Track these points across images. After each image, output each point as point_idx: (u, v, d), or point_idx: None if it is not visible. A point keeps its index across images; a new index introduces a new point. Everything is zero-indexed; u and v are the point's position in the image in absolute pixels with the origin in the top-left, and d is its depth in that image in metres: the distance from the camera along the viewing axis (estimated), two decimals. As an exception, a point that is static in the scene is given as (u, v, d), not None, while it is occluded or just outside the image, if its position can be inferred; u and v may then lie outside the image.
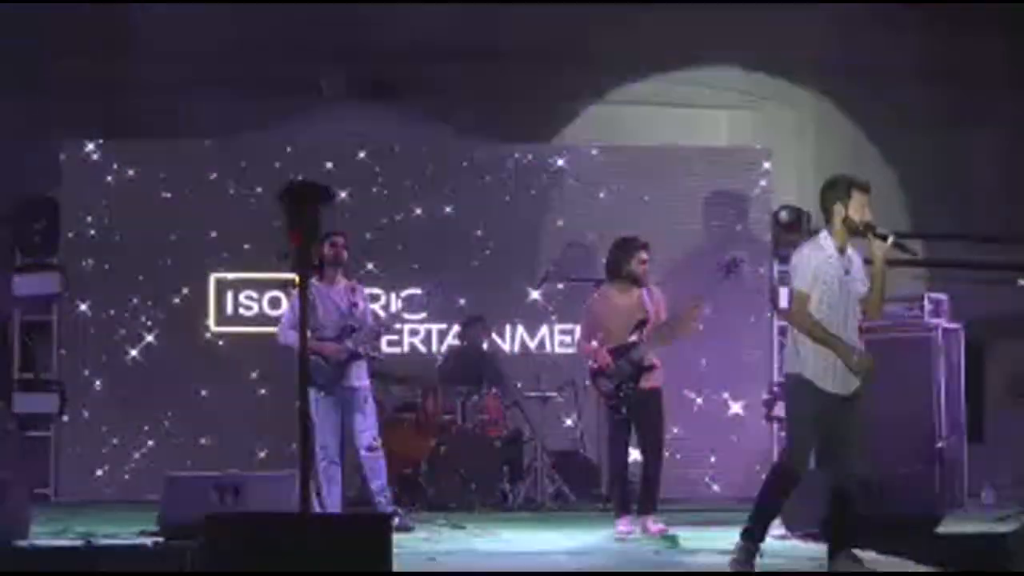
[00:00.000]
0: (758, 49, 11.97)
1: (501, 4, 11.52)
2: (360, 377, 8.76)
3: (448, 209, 11.38)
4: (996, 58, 12.07)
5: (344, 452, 8.79)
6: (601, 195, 11.41)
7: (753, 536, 6.63)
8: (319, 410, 8.49)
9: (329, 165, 11.18)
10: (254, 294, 11.25)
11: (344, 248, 8.76)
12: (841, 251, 6.56)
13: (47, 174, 11.16)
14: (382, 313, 10.72)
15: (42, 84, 11.36)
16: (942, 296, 10.84)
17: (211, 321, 11.24)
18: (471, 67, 11.70)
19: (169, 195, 11.20)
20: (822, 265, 6.52)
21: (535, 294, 11.29)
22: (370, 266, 11.05)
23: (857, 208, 6.50)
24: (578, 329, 9.34)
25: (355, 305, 8.73)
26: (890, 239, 6.47)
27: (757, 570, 6.65)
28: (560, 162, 11.58)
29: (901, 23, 12.04)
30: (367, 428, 8.68)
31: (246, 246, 11.08)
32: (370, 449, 8.66)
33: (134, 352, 11.11)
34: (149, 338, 11.13)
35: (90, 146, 11.24)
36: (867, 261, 6.64)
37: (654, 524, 8.37)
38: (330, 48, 11.64)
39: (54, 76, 11.36)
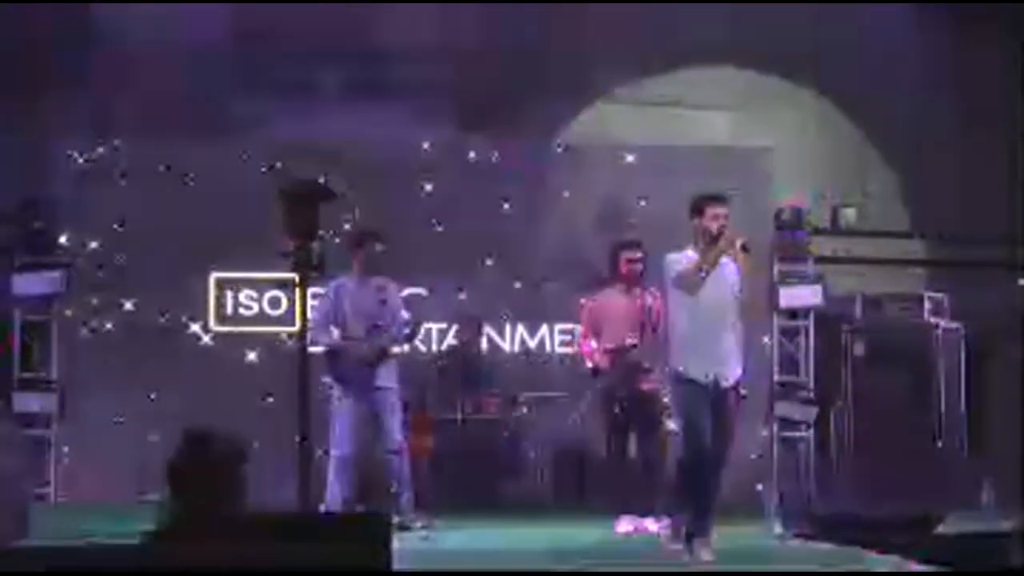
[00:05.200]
0: (758, 49, 11.96)
1: (500, 4, 11.52)
2: (389, 378, 8.66)
3: (446, 209, 11.37)
4: (997, 57, 12.07)
5: (360, 453, 8.74)
6: (601, 195, 11.40)
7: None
8: (341, 409, 8.46)
9: (329, 165, 11.17)
10: (254, 294, 11.26)
11: (384, 253, 8.68)
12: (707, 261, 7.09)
13: (47, 174, 11.16)
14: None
15: (42, 84, 11.35)
16: (942, 296, 10.84)
17: (211, 321, 11.24)
18: (470, 67, 11.69)
19: (169, 195, 11.19)
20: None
21: (535, 294, 11.28)
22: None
23: (711, 219, 7.11)
24: (578, 329, 9.36)
25: (383, 302, 8.65)
26: (738, 243, 7.11)
27: (757, 570, 6.67)
28: (559, 162, 11.58)
29: (902, 22, 12.04)
30: (393, 431, 8.62)
31: (246, 246, 11.06)
32: (394, 452, 8.60)
33: (135, 351, 11.10)
34: (150, 337, 11.13)
35: (90, 146, 11.24)
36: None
37: (654, 524, 8.37)
38: (329, 48, 11.64)
39: (54, 76, 11.35)
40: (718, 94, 12.27)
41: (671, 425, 9.74)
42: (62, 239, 11.04)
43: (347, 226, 8.42)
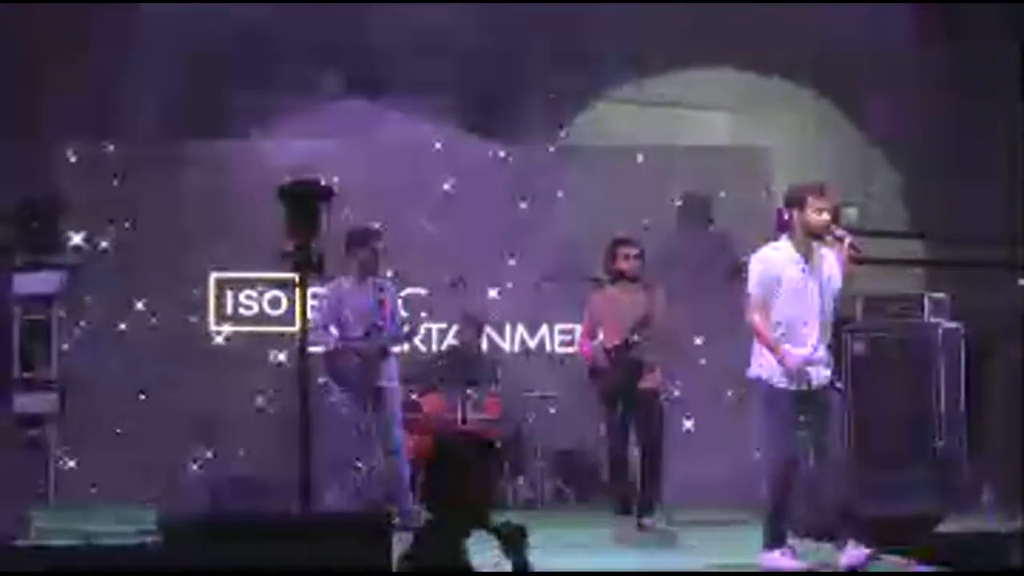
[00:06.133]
0: (758, 50, 11.96)
1: (501, 4, 11.53)
2: (390, 377, 8.67)
3: (447, 209, 11.38)
4: (997, 57, 12.07)
5: (363, 455, 8.73)
6: (601, 195, 11.40)
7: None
8: (342, 410, 8.45)
9: (331, 165, 11.18)
10: (254, 294, 11.26)
11: (382, 254, 8.70)
12: (806, 255, 6.77)
13: (47, 174, 11.17)
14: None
15: (42, 84, 11.36)
16: (942, 296, 10.83)
17: (211, 321, 11.25)
18: (470, 66, 11.69)
19: (168, 195, 11.20)
20: (777, 268, 6.79)
21: (535, 293, 11.28)
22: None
23: (814, 212, 6.72)
24: (578, 328, 9.37)
25: (381, 303, 8.66)
26: (847, 240, 6.73)
27: (753, 570, 6.68)
28: (560, 163, 11.58)
29: (902, 23, 12.04)
30: (393, 430, 8.61)
31: (246, 246, 11.07)
32: (394, 451, 8.60)
33: (134, 351, 11.10)
34: (149, 337, 11.14)
35: (89, 146, 11.25)
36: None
37: (653, 524, 8.37)
38: (330, 47, 11.65)
39: (54, 76, 11.35)
40: (718, 95, 12.28)
41: (688, 424, 9.81)
42: (77, 238, 11.08)
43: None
